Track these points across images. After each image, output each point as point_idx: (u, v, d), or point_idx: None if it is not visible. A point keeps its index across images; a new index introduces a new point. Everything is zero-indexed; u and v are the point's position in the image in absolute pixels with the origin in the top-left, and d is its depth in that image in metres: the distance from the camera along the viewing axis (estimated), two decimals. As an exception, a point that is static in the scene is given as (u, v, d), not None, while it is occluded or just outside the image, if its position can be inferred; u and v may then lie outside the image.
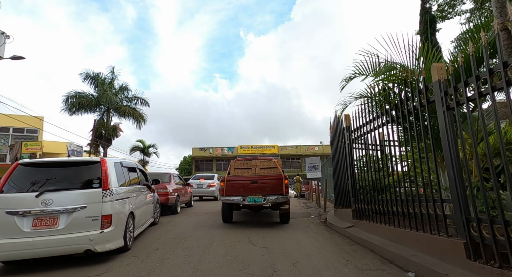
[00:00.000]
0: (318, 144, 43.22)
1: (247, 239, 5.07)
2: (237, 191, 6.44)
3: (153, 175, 12.03)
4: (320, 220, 7.12)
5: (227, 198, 6.50)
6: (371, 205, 4.81)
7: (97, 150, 22.74)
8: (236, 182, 6.60)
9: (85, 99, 21.14)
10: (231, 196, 6.47)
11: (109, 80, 23.10)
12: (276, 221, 7.00)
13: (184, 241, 4.97)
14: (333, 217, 6.71)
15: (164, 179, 9.81)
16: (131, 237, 4.59)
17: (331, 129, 7.15)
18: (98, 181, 4.03)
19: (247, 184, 6.48)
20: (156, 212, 7.05)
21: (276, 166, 7.09)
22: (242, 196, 6.39)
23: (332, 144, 7.18)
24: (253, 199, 6.34)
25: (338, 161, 6.64)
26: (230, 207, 6.96)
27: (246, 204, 6.48)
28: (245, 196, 6.38)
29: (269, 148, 41.97)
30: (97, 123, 22.68)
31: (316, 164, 16.77)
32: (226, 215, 6.95)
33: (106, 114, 22.89)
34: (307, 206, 11.23)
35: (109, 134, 22.11)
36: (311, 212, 8.92)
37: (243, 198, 6.38)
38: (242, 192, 6.42)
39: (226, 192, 6.49)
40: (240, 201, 6.41)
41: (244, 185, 6.50)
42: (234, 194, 6.46)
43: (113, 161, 4.59)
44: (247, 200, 6.35)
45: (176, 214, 8.91)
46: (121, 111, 22.67)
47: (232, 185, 6.55)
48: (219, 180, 16.63)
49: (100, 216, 3.86)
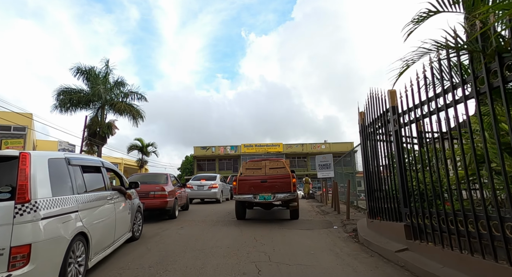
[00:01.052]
0: (323, 142, 41.49)
1: (254, 270, 3.49)
2: (248, 190, 6.93)
3: (147, 176, 10.62)
4: (348, 234, 5.50)
5: (239, 196, 7.01)
6: (439, 221, 3.20)
7: (91, 149, 21.31)
8: (247, 181, 7.09)
9: (76, 95, 19.70)
10: (243, 194, 6.97)
11: (103, 75, 21.69)
12: (292, 238, 5.42)
13: (164, 274, 3.40)
14: (367, 230, 5.09)
15: (161, 180, 8.77)
16: (79, 273, 3.02)
17: (362, 116, 5.52)
18: (9, 190, 2.46)
19: (257, 183, 6.95)
20: (137, 223, 5.51)
21: (285, 166, 7.52)
22: (253, 194, 6.87)
23: (363, 133, 5.55)
24: (263, 197, 6.84)
25: (373, 155, 5.02)
26: (243, 205, 7.44)
27: (257, 202, 7.01)
28: (256, 194, 6.86)
29: (273, 147, 40.36)
30: (91, 120, 21.28)
31: (328, 162, 15.12)
32: (240, 213, 7.47)
33: (101, 110, 21.45)
34: (322, 211, 9.62)
35: (103, 132, 20.66)
36: (331, 220, 7.29)
37: (254, 196, 6.86)
38: (253, 190, 6.89)
39: (239, 190, 7.00)
40: (251, 199, 6.89)
41: (255, 184, 6.97)
42: (245, 192, 6.94)
43: (49, 156, 3.01)
44: (258, 198, 6.84)
45: (174, 218, 7.96)
46: (116, 108, 21.20)
47: (244, 184, 7.05)
48: (221, 181, 15.12)
49: (7, 248, 2.29)
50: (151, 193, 7.46)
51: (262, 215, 8.43)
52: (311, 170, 40.19)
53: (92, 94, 19.89)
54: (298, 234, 5.60)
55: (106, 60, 21.70)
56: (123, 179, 5.25)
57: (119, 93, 22.09)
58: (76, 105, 20.27)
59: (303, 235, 5.46)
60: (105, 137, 21.14)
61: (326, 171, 15.20)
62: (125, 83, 22.59)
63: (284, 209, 8.24)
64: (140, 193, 7.15)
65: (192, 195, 12.91)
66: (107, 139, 21.38)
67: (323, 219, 7.55)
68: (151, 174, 12.18)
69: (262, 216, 8.07)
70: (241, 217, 7.48)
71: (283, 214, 8.30)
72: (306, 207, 11.07)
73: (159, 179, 9.01)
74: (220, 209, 10.59)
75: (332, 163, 15.13)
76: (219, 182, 13.65)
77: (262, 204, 7.61)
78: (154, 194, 7.49)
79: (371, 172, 5.19)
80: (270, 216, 7.98)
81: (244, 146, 39.84)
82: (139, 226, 5.68)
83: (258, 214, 8.52)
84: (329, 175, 15.20)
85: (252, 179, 7.08)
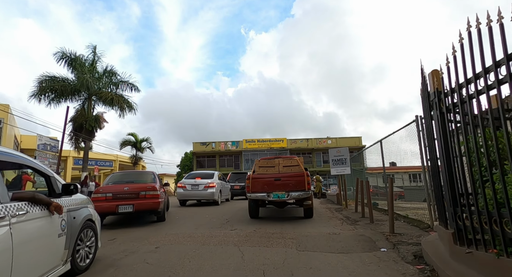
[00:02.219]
0: (327, 137, 39.40)
1: None
2: (262, 188, 6.84)
3: (132, 174, 8.81)
4: (415, 267, 3.44)
5: (253, 194, 6.91)
6: None
7: (77, 145, 19.38)
8: (261, 179, 6.98)
9: (59, 84, 17.68)
10: (256, 192, 6.87)
11: (90, 62, 19.68)
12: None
13: None
14: (455, 266, 3.03)
15: (148, 179, 7.90)
16: None
17: (435, 77, 3.45)
18: None
19: (271, 181, 6.87)
20: (84, 246, 3.55)
21: (299, 164, 7.45)
22: (266, 193, 6.79)
23: (437, 106, 3.47)
24: (277, 195, 6.75)
25: (467, 139, 2.98)
26: (256, 203, 7.34)
27: (271, 200, 6.89)
28: (270, 192, 6.77)
29: (277, 142, 38.34)
30: (77, 112, 19.33)
31: (343, 157, 13.09)
32: (253, 211, 7.38)
33: (87, 102, 19.47)
34: (346, 217, 7.59)
35: (90, 126, 18.68)
36: (369, 235, 5.19)
37: (267, 195, 6.77)
38: (266, 189, 6.81)
39: (252, 189, 6.91)
40: (265, 197, 6.80)
41: (268, 182, 6.88)
42: (259, 190, 6.85)
43: None
44: (272, 196, 6.75)
45: (163, 221, 7.36)
46: (105, 98, 19.21)
47: (257, 182, 6.94)
48: (220, 179, 13.13)
49: None
50: (141, 193, 6.74)
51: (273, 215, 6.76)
52: (317, 167, 38.16)
53: (79, 84, 17.85)
54: (330, 263, 3.58)
55: (93, 46, 19.73)
56: (51, 180, 3.24)
57: (108, 82, 20.09)
58: (60, 95, 18.27)
59: (340, 267, 3.45)
60: (93, 131, 19.18)
61: (341, 167, 13.16)
62: (115, 72, 20.63)
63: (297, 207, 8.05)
64: (129, 194, 6.62)
65: (185, 196, 10.95)
66: (95, 133, 19.41)
67: (355, 232, 5.51)
68: (135, 172, 10.59)
69: (272, 227, 6.11)
70: (255, 216, 7.40)
71: (297, 217, 6.45)
72: (323, 211, 9.06)
73: (146, 177, 7.99)
74: (217, 213, 8.63)
75: (348, 157, 13.08)
76: (217, 180, 11.67)
77: (275, 203, 7.53)
78: (146, 194, 6.75)
79: (453, 166, 3.16)
80: (284, 222, 6.03)
81: (246, 141, 37.83)
82: (90, 250, 3.70)
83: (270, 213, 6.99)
84: (344, 172, 13.16)
85: (265, 177, 6.99)
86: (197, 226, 6.48)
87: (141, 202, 6.66)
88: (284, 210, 8.70)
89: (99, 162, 32.79)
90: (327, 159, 39.23)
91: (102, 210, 6.19)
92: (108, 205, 6.52)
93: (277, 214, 8.29)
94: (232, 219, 7.39)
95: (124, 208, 6.59)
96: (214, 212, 9.27)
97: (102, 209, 6.16)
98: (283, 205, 7.88)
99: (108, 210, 6.52)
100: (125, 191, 6.70)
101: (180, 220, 7.64)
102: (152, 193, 6.86)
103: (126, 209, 6.60)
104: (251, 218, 7.34)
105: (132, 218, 7.85)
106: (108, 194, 6.67)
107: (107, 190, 6.79)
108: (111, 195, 6.65)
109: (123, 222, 7.47)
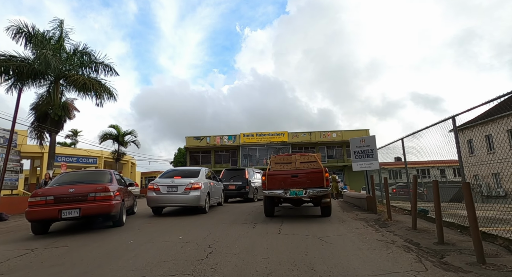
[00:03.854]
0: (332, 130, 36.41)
1: None
2: (278, 185, 6.68)
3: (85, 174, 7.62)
4: None
5: (269, 191, 6.72)
6: None
7: (41, 137, 16.29)
8: (277, 176, 6.82)
9: (11, 63, 14.51)
10: (273, 189, 6.69)
11: (56, 40, 16.52)
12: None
13: None
14: None
15: (104, 179, 6.91)
16: None
17: None
18: None
19: (288, 178, 6.71)
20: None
21: (316, 160, 7.36)
22: (283, 190, 6.62)
23: None
24: (294, 192, 6.55)
25: None
26: (272, 201, 7.14)
27: (288, 197, 6.73)
28: (287, 189, 6.60)
29: (277, 136, 35.38)
30: (40, 99, 16.24)
31: (369, 147, 10.14)
32: (268, 209, 7.13)
33: (54, 86, 16.35)
34: (405, 238, 4.64)
35: (56, 115, 15.59)
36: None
37: (284, 192, 6.60)
38: (283, 185, 6.65)
39: (268, 186, 6.73)
40: (281, 194, 6.65)
41: (285, 179, 6.71)
42: (275, 187, 6.68)
43: None
44: (289, 193, 6.57)
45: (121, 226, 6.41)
46: (76, 83, 16.09)
47: (273, 179, 6.77)
48: (209, 177, 10.04)
49: None
50: (90, 195, 5.93)
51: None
52: (321, 162, 35.32)
53: (38, 62, 14.68)
54: None
55: (59, 20, 16.53)
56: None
57: (80, 64, 16.94)
58: (20, 79, 15.14)
59: None
60: (60, 122, 16.09)
61: (367, 160, 10.25)
62: (90, 53, 17.47)
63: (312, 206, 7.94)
64: (74, 196, 5.86)
65: (158, 202, 7.95)
66: (63, 124, 16.33)
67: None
68: (90, 171, 8.71)
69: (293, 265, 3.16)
70: (270, 214, 7.16)
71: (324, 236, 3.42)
72: (360, 227, 5.96)
73: (100, 177, 7.03)
74: (199, 229, 5.68)
75: (375, 148, 10.15)
76: (204, 179, 8.68)
77: (292, 200, 7.38)
78: (96, 196, 5.96)
79: None
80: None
81: (243, 135, 34.82)
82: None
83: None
84: (371, 167, 10.24)
85: (282, 174, 6.86)
86: (152, 264, 3.52)
87: (90, 205, 5.85)
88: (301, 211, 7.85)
89: (82, 159, 29.71)
90: (332, 154, 36.54)
91: (40, 216, 5.68)
92: (47, 210, 5.67)
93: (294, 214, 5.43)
94: (221, 243, 4.47)
95: (68, 213, 5.74)
96: (196, 225, 6.34)
97: (40, 215, 5.65)
98: (299, 203, 7.74)
99: (48, 216, 5.70)
100: (70, 193, 5.87)
101: (138, 242, 4.67)
102: (103, 194, 6.00)
103: (72, 214, 5.76)
104: (266, 216, 7.11)
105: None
106: (48, 198, 5.78)
107: (48, 193, 5.90)
108: (52, 198, 5.78)
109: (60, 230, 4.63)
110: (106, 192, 6.01)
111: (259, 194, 13.57)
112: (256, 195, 13.24)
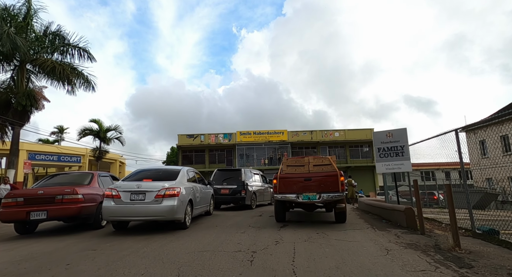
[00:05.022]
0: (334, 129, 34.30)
1: None
2: (291, 189, 6.41)
3: (64, 176, 7.26)
4: None
5: (282, 195, 6.43)
6: None
7: (2, 130, 13.97)
8: (289, 179, 6.53)
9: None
10: (285, 193, 6.41)
11: (23, 17, 14.23)
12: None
13: None
14: None
15: (83, 181, 6.65)
16: None
17: None
18: None
19: (300, 182, 6.43)
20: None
21: (331, 163, 7.02)
22: (296, 194, 6.33)
23: None
24: (307, 197, 6.28)
25: None
26: (283, 206, 6.91)
27: (300, 202, 6.41)
28: (299, 193, 6.32)
29: (276, 135, 33.19)
30: (4, 86, 13.93)
31: (399, 144, 7.88)
32: (280, 215, 6.91)
33: (19, 71, 14.04)
34: None
35: (19, 104, 13.28)
36: None
37: (297, 196, 6.31)
38: (295, 189, 6.38)
39: (280, 189, 6.48)
40: (294, 198, 6.34)
41: (298, 183, 6.44)
42: (288, 191, 6.41)
43: None
44: (301, 197, 6.29)
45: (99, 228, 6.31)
46: (43, 67, 13.82)
47: (285, 182, 6.50)
48: (193, 180, 7.59)
49: None
50: (57, 197, 5.81)
51: None
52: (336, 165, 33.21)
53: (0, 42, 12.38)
54: None
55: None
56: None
57: (52, 47, 14.66)
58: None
59: None
60: (26, 113, 13.79)
61: (395, 160, 8.02)
62: (63, 36, 15.22)
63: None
64: (43, 198, 5.82)
65: (116, 214, 5.68)
66: (29, 116, 14.03)
67: None
68: (72, 173, 8.14)
69: None
70: (281, 219, 6.90)
71: None
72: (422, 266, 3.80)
73: (80, 179, 6.77)
74: (161, 273, 3.41)
75: (407, 144, 7.98)
76: (185, 183, 6.45)
77: (304, 205, 7.07)
78: (63, 198, 5.82)
79: None
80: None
81: (240, 134, 32.59)
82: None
83: None
84: (401, 169, 8.03)
85: (294, 177, 6.55)
86: None
87: (57, 207, 5.78)
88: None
89: (64, 157, 27.29)
90: (335, 155, 34.32)
91: (10, 217, 5.79)
92: (17, 211, 5.70)
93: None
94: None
95: (36, 215, 5.74)
96: (163, 256, 4.14)
97: (10, 216, 5.76)
98: (312, 208, 7.48)
99: (17, 217, 5.74)
100: (39, 195, 5.85)
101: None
102: (70, 197, 5.85)
103: (39, 216, 5.75)
104: (277, 221, 6.88)
105: None
106: (19, 199, 5.84)
107: (19, 194, 6.04)
108: (22, 200, 5.83)
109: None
110: (74, 194, 5.92)
111: (257, 199, 11.35)
112: (254, 201, 11.02)
